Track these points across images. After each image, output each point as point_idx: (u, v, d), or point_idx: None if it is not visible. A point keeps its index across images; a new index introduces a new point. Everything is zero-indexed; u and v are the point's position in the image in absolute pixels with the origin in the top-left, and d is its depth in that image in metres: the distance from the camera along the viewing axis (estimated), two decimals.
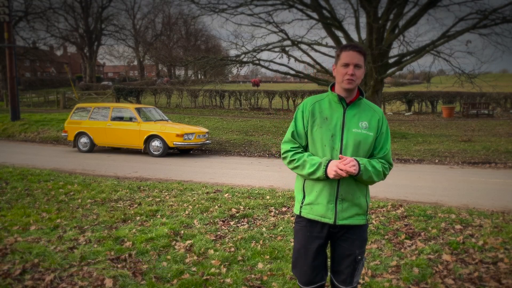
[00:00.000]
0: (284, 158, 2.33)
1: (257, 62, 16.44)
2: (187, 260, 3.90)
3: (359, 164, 2.12)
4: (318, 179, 2.20)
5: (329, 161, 2.16)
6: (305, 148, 2.33)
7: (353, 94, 2.27)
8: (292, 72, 16.76)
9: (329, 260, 2.45)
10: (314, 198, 2.25)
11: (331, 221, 2.22)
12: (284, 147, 2.33)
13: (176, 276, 3.52)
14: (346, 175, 2.10)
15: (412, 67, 29.58)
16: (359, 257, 2.27)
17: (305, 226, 2.31)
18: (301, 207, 2.31)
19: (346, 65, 2.19)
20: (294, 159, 2.26)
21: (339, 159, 2.16)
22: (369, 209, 2.37)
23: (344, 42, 16.23)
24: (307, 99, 2.36)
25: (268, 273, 3.59)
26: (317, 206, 2.25)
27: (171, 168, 9.89)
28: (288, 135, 2.34)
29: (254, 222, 5.13)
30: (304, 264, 2.30)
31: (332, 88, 2.33)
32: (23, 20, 39.00)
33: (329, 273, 2.42)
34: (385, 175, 2.27)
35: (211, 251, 4.09)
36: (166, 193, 6.70)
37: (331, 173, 2.11)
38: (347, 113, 2.24)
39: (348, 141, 2.20)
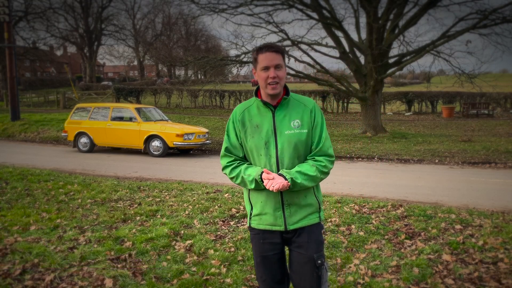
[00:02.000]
0: (225, 174, 2.27)
1: None
2: (187, 260, 3.90)
3: (286, 179, 2.03)
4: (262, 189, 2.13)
5: (262, 173, 2.07)
6: (244, 157, 2.24)
7: (280, 95, 2.17)
8: (292, 72, 16.75)
9: None
10: (261, 209, 2.18)
11: (282, 228, 2.16)
12: (222, 162, 2.26)
13: (176, 276, 3.52)
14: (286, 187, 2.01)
15: (412, 67, 29.49)
16: (319, 262, 2.14)
17: (257, 233, 2.24)
18: (250, 218, 2.25)
19: (266, 68, 2.09)
20: (233, 176, 2.19)
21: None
22: (321, 203, 2.24)
23: (344, 42, 16.25)
24: (236, 108, 2.27)
25: None
26: (265, 216, 2.18)
27: (171, 168, 9.89)
28: (222, 149, 2.26)
29: None
30: (263, 273, 2.23)
31: (258, 92, 2.22)
32: (23, 20, 39.00)
33: None
34: (324, 173, 2.15)
35: (211, 251, 4.09)
36: (166, 193, 6.70)
37: (271, 188, 2.02)
38: (276, 116, 2.15)
39: (283, 146, 2.11)
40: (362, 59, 16.34)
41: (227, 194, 6.54)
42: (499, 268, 3.68)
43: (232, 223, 5.11)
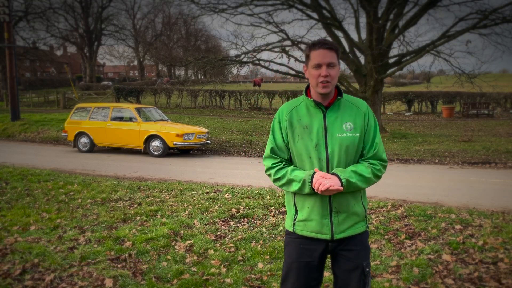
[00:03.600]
0: (269, 175, 2.14)
1: (257, 62, 16.45)
2: (187, 260, 3.90)
3: (340, 180, 1.94)
4: (309, 194, 2.04)
5: (313, 175, 1.97)
6: (289, 160, 2.14)
7: (331, 95, 2.06)
8: (292, 72, 16.76)
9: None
10: (307, 214, 2.06)
11: (328, 237, 2.04)
12: (266, 163, 2.14)
13: (176, 276, 3.52)
14: (336, 190, 1.92)
15: (412, 67, 29.59)
16: (367, 269, 2.05)
17: (298, 238, 2.10)
18: (294, 223, 2.10)
19: (318, 66, 1.98)
20: (278, 177, 2.08)
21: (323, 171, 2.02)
22: (367, 212, 2.17)
23: (344, 42, 16.24)
24: (283, 107, 2.15)
25: (268, 273, 3.59)
26: (311, 223, 2.05)
27: (171, 168, 9.89)
28: (267, 150, 2.14)
29: (254, 222, 5.13)
30: (296, 280, 2.08)
31: (308, 90, 2.11)
32: (23, 20, 39.00)
33: None
34: (377, 177, 2.07)
35: (211, 251, 4.09)
36: (166, 193, 6.70)
37: (319, 190, 1.92)
38: (327, 117, 2.04)
39: (333, 149, 2.01)
40: (362, 59, 16.34)
41: (227, 194, 6.54)
42: (499, 268, 3.68)
43: (232, 223, 5.11)
